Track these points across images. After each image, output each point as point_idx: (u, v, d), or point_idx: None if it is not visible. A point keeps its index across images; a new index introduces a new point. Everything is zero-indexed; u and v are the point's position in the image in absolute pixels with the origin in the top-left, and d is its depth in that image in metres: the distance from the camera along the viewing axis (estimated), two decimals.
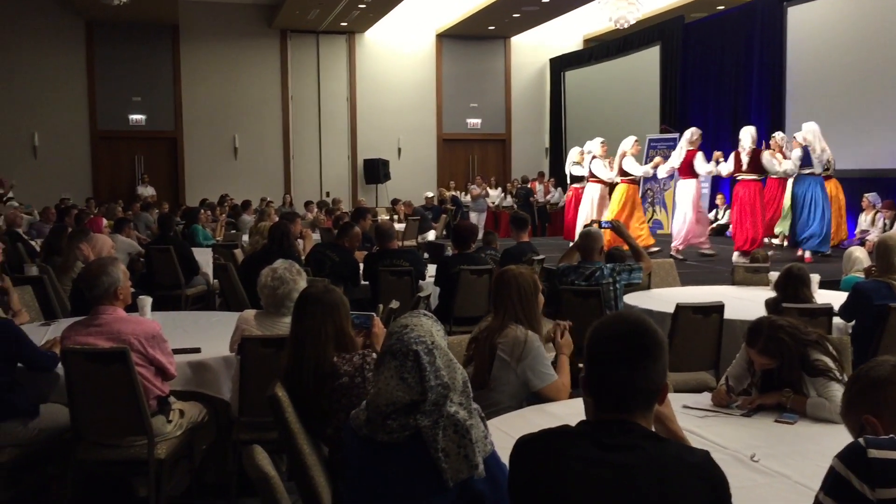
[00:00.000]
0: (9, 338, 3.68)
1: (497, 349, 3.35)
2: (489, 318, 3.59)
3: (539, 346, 3.38)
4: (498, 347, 3.35)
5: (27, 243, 9.44)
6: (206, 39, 17.72)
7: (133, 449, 3.61)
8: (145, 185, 17.03)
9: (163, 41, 17.54)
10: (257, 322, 3.85)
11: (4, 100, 16.62)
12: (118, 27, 17.02)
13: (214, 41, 17.79)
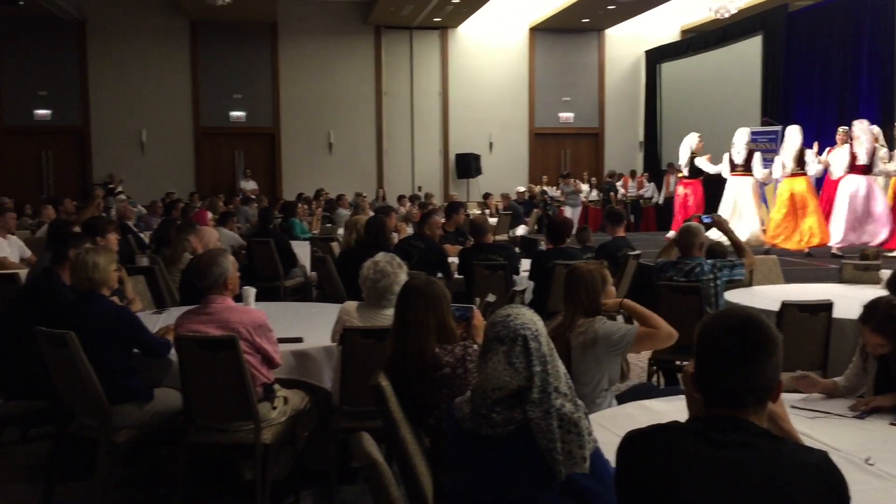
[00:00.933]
0: (126, 324, 3.88)
1: (571, 343, 3.41)
2: (559, 317, 3.59)
3: (604, 320, 3.51)
4: (572, 341, 3.42)
5: (137, 235, 9.88)
6: (303, 37, 18.13)
7: (240, 434, 3.74)
8: (248, 180, 17.56)
9: (262, 39, 18.04)
10: (358, 313, 3.93)
11: (116, 98, 17.41)
12: (220, 27, 17.59)
13: (311, 38, 18.18)
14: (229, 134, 18.29)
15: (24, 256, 7.79)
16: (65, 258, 4.55)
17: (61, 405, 3.94)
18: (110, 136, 17.54)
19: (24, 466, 4.47)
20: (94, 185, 15.46)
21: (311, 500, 4.09)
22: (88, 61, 17.31)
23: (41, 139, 17.43)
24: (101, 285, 3.95)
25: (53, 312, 4.14)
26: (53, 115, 17.39)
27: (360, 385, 3.80)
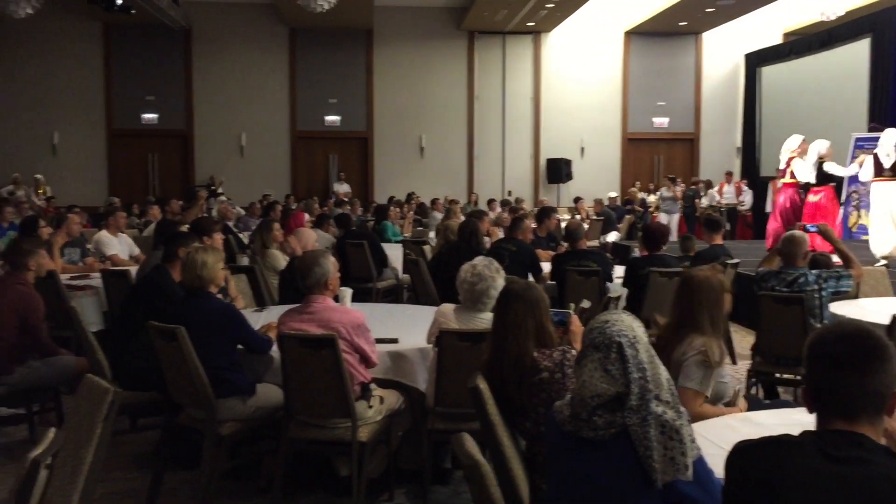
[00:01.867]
0: (232, 321, 4.03)
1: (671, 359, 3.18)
2: (662, 322, 3.49)
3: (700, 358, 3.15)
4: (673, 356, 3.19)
5: (236, 236, 10.23)
6: (397, 43, 18.39)
7: (338, 431, 3.83)
8: (341, 183, 17.92)
9: (358, 46, 18.38)
10: (455, 316, 3.97)
11: (217, 103, 18.04)
12: (318, 33, 18.01)
13: (405, 44, 18.42)
14: (324, 138, 18.70)
15: (132, 254, 8.16)
16: (175, 256, 4.75)
17: (170, 397, 4.12)
18: (212, 140, 18.19)
19: (132, 454, 4.69)
20: (197, 186, 16.06)
21: (405, 499, 4.14)
22: (193, 67, 18.00)
23: (148, 142, 18.22)
24: (210, 283, 4.11)
25: (164, 308, 4.34)
26: (160, 119, 18.15)
27: (455, 387, 3.86)
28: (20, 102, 17.51)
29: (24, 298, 4.65)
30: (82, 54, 17.63)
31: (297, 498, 4.10)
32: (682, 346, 3.20)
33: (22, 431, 5.13)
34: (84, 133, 17.84)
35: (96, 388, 2.71)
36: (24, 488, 2.00)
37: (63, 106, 17.64)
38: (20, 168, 16.94)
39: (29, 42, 17.24)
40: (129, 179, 18.09)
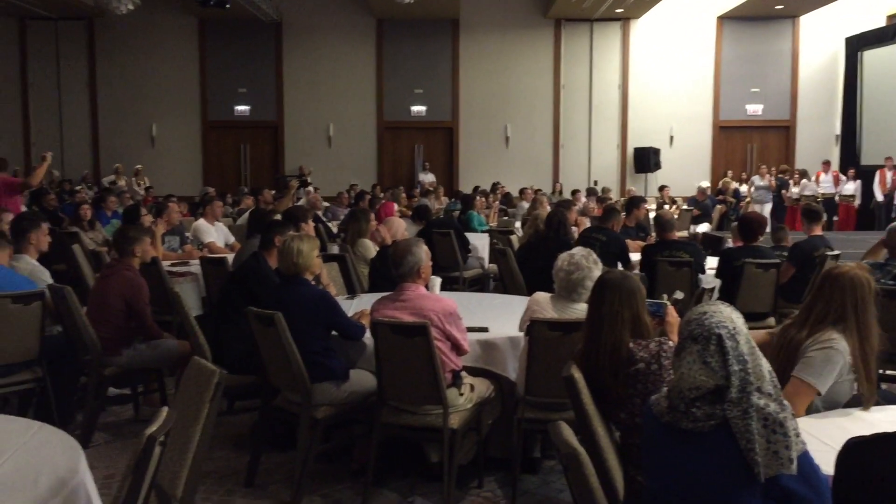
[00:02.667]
0: (327, 308, 4.12)
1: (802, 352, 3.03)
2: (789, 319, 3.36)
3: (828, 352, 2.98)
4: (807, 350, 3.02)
5: (325, 224, 10.43)
6: (484, 32, 18.36)
7: (429, 417, 3.88)
8: (426, 172, 18.04)
9: (444, 35, 18.43)
10: (550, 305, 3.96)
11: (306, 94, 18.40)
12: (405, 24, 18.15)
13: (492, 33, 18.38)
14: (410, 128, 18.85)
15: (228, 242, 8.42)
16: (271, 244, 4.89)
17: (267, 380, 4.25)
18: (301, 131, 18.58)
19: (230, 435, 4.85)
20: (287, 176, 16.43)
21: (494, 487, 4.17)
22: (283, 60, 18.40)
23: (240, 133, 18.74)
24: (305, 270, 4.21)
25: (261, 294, 4.48)
26: (251, 111, 18.64)
27: (546, 376, 3.85)
28: (121, 96, 18.26)
29: (131, 283, 4.85)
30: (179, 49, 18.24)
31: (388, 482, 4.18)
32: (814, 338, 3.04)
33: (128, 411, 5.39)
34: (180, 125, 18.48)
35: (203, 371, 2.82)
36: (141, 463, 2.10)
37: (161, 99, 18.31)
38: (121, 159, 17.71)
39: (129, 38, 17.94)
40: (222, 170, 18.67)
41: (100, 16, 17.35)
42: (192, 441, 2.69)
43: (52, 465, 2.35)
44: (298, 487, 3.96)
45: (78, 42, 18.21)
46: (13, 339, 4.54)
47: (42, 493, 2.17)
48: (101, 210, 10.32)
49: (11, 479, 2.26)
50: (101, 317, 4.81)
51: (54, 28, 18.03)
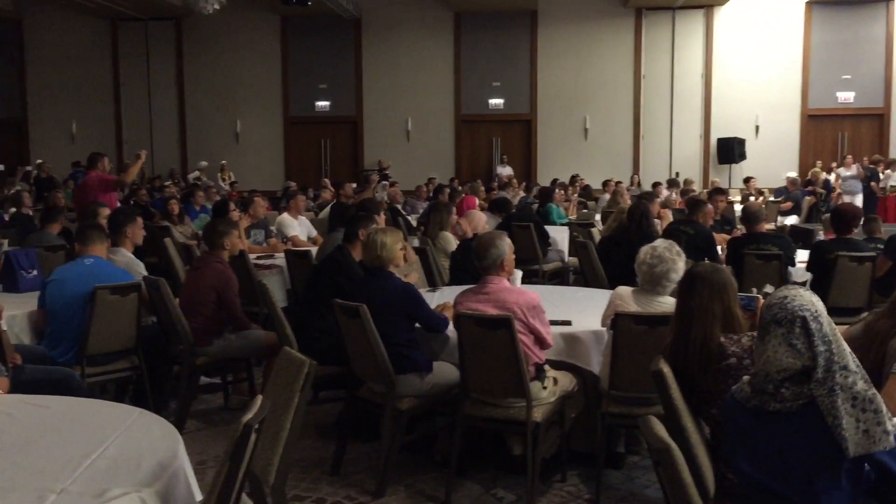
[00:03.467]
0: (410, 300, 4.16)
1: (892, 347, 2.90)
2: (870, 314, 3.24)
3: None
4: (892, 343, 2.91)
5: (405, 218, 10.52)
6: (562, 22, 18.17)
7: (512, 410, 3.88)
8: (504, 166, 18.00)
9: (522, 27, 18.32)
10: (633, 299, 3.91)
11: (385, 89, 18.57)
12: (483, 17, 18.12)
13: (570, 24, 18.18)
14: (487, 121, 18.82)
15: (310, 236, 8.58)
16: (355, 237, 4.97)
17: (352, 371, 4.32)
18: (379, 125, 18.76)
19: (316, 425, 4.95)
20: (366, 170, 16.63)
21: (577, 481, 4.15)
22: (363, 55, 18.60)
23: (321, 128, 19.05)
24: (388, 263, 4.27)
25: (346, 286, 4.55)
26: (331, 106, 18.92)
27: (631, 371, 3.81)
28: (207, 94, 18.79)
29: (221, 275, 5.00)
30: (262, 47, 18.64)
31: (471, 473, 4.19)
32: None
33: (218, 399, 5.56)
34: (263, 121, 18.90)
35: (293, 361, 2.88)
36: (238, 450, 2.16)
37: (245, 96, 18.76)
38: (207, 155, 18.22)
39: (215, 37, 18.43)
40: (302, 164, 19.01)
41: (187, 16, 17.87)
42: (283, 429, 2.76)
43: (153, 449, 2.45)
44: (383, 477, 4.02)
45: (166, 42, 18.80)
46: (112, 328, 4.73)
47: (145, 476, 2.26)
48: (190, 205, 10.66)
49: (116, 462, 2.37)
50: (192, 308, 4.96)
51: (144, 29, 18.66)
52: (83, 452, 2.40)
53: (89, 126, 18.82)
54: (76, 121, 18.87)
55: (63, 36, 18.62)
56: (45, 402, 2.99)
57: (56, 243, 6.88)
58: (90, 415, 2.88)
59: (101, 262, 4.90)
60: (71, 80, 18.73)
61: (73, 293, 4.65)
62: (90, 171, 8.54)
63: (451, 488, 3.92)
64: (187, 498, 2.39)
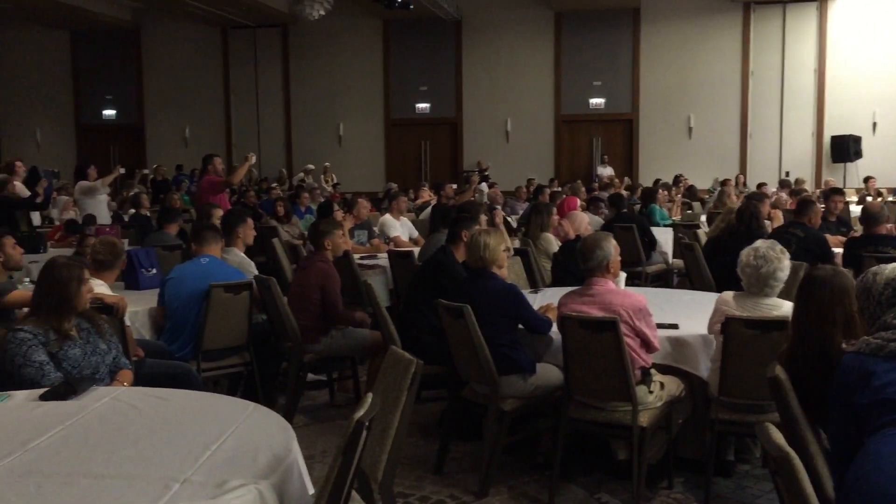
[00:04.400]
0: (513, 301, 4.16)
1: None
2: None
3: None
4: None
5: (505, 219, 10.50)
6: (666, 18, 17.78)
7: (617, 414, 3.82)
8: (604, 166, 17.76)
9: (623, 25, 18.03)
10: (736, 303, 3.80)
11: (484, 90, 18.61)
12: (583, 16, 17.93)
13: (675, 19, 17.76)
14: (588, 121, 18.61)
15: (412, 236, 8.68)
16: (458, 238, 5.00)
17: (455, 371, 4.35)
18: (479, 126, 18.82)
19: (418, 424, 5.00)
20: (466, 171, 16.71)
21: (684, 488, 4.05)
22: (463, 57, 18.70)
23: (421, 130, 19.26)
24: (492, 264, 4.28)
25: (449, 287, 4.59)
26: (431, 108, 19.11)
27: (742, 377, 3.70)
28: (312, 98, 19.29)
29: (325, 274, 5.12)
30: (364, 51, 19.00)
31: (574, 477, 4.16)
32: None
33: (323, 396, 5.69)
34: (365, 124, 19.26)
35: (401, 360, 2.93)
36: (349, 446, 2.21)
37: (347, 99, 19.15)
38: (311, 158, 18.71)
39: (319, 42, 18.90)
40: (403, 166, 19.27)
41: (293, 22, 18.39)
42: (391, 427, 2.81)
43: (269, 443, 2.53)
44: (486, 478, 4.03)
45: (273, 48, 19.40)
46: (225, 325, 4.92)
47: (261, 469, 2.33)
48: (296, 206, 10.96)
49: (234, 454, 2.46)
50: (300, 306, 5.10)
51: (253, 36, 19.31)
52: (203, 444, 2.50)
53: (201, 130, 19.62)
54: (189, 125, 19.70)
55: (177, 45, 19.48)
56: (167, 394, 3.13)
57: (173, 243, 7.20)
58: (208, 408, 3.00)
59: (215, 262, 5.10)
60: (184, 86, 19.56)
61: (190, 291, 4.86)
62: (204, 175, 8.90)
63: (554, 491, 3.90)
64: (300, 491, 2.45)
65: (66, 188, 13.23)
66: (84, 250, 5.47)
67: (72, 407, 2.92)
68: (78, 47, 19.95)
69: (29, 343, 3.31)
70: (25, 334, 3.33)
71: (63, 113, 20.23)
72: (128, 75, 19.94)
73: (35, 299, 3.50)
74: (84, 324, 3.52)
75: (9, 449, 2.47)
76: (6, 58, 20.05)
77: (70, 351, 3.40)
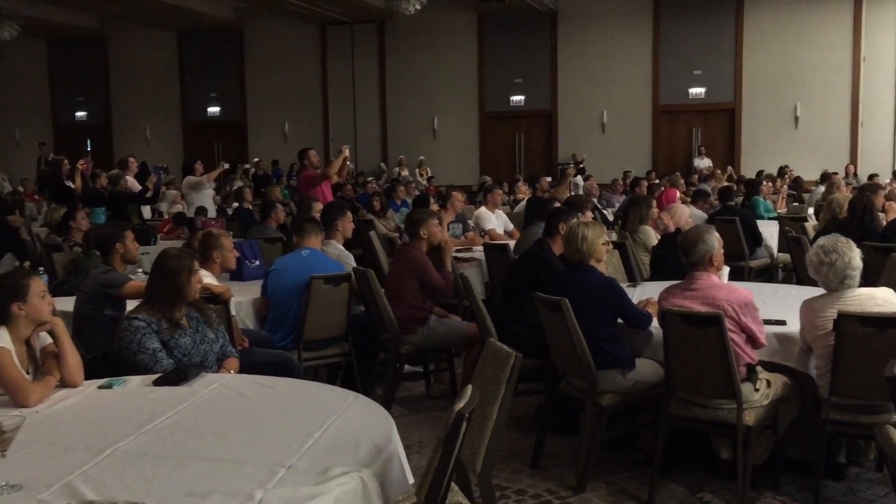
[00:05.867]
0: (612, 295, 4.10)
1: None
2: None
3: None
4: None
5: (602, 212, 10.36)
6: (772, 3, 17.11)
7: (721, 412, 3.72)
8: (702, 157, 17.28)
9: (726, 10, 17.43)
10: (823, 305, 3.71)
11: (579, 82, 18.34)
12: (682, 3, 17.45)
13: (781, 4, 17.05)
14: (687, 111, 18.13)
15: (507, 229, 8.66)
16: (555, 231, 4.96)
17: (552, 365, 4.31)
18: (573, 118, 18.58)
19: (514, 417, 4.97)
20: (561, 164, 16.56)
21: (792, 490, 3.90)
22: (558, 48, 18.49)
23: (515, 123, 19.17)
24: (590, 257, 4.22)
25: (546, 280, 4.55)
26: (526, 100, 18.99)
27: (856, 376, 3.55)
28: (407, 92, 19.46)
29: (419, 262, 5.16)
30: (459, 44, 19.02)
31: (674, 475, 4.06)
32: None
33: (420, 387, 5.75)
34: (459, 117, 19.30)
35: (500, 353, 2.93)
36: (450, 437, 2.22)
37: (442, 93, 19.23)
38: (406, 151, 18.90)
39: (414, 36, 19.04)
40: (497, 159, 19.23)
41: (389, 17, 18.58)
42: (489, 419, 2.81)
43: (370, 432, 2.57)
44: (583, 473, 3.99)
45: (370, 43, 19.65)
46: (325, 316, 5.02)
47: (362, 457, 2.38)
48: (392, 199, 11.10)
49: (336, 442, 2.51)
50: (396, 297, 5.16)
51: (350, 31, 19.61)
52: (307, 431, 2.56)
53: (300, 126, 20.06)
54: (288, 121, 20.19)
55: (277, 42, 19.96)
56: (271, 382, 3.22)
57: (274, 235, 7.40)
58: (311, 396, 3.08)
59: (316, 254, 5.22)
60: (284, 83, 20.03)
61: (291, 282, 4.98)
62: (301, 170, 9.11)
63: (654, 488, 3.83)
64: (401, 480, 2.49)
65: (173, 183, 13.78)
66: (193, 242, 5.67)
67: (183, 393, 3.04)
68: (184, 47, 20.70)
69: (143, 331, 3.47)
70: (140, 322, 3.49)
71: (171, 110, 21.04)
72: (231, 73, 20.57)
73: (148, 289, 3.66)
74: (193, 313, 3.66)
75: (126, 431, 2.60)
76: (118, 58, 21.00)
77: (181, 339, 3.54)
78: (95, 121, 21.43)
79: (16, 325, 3.04)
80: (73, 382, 3.09)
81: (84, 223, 7.18)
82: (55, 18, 18.12)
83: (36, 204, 12.67)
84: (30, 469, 2.28)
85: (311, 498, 2.09)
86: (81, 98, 21.55)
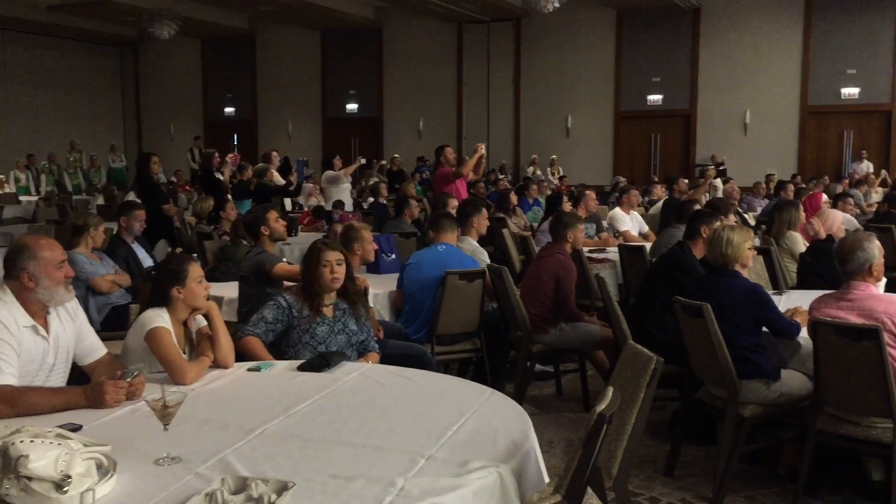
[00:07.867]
0: (758, 302, 3.93)
1: None
2: None
3: None
4: None
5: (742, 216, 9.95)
6: None
7: (874, 430, 3.50)
8: (860, 161, 16.31)
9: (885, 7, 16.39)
10: None
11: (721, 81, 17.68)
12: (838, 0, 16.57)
13: None
14: (838, 112, 17.16)
15: (642, 231, 8.48)
16: (697, 234, 4.81)
17: (690, 372, 4.19)
18: (714, 118, 17.95)
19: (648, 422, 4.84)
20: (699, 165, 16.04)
21: None
22: (700, 46, 17.91)
23: (651, 122, 18.72)
24: (734, 261, 4.06)
25: (686, 284, 4.42)
26: (663, 100, 18.49)
27: None
28: (541, 90, 19.37)
29: (562, 266, 5.12)
30: (596, 42, 18.75)
31: (820, 494, 3.86)
32: None
33: (550, 387, 5.71)
34: (593, 116, 19.03)
35: (640, 356, 2.86)
36: (591, 438, 2.19)
37: (576, 91, 19.02)
38: (538, 150, 18.82)
39: (551, 34, 18.92)
40: (631, 159, 18.84)
41: (526, 16, 18.54)
42: (627, 423, 2.75)
43: (507, 428, 2.57)
44: (721, 485, 3.84)
45: (506, 42, 19.67)
46: (458, 311, 5.07)
47: (500, 453, 2.38)
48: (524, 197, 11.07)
49: (474, 435, 2.52)
50: (532, 296, 5.15)
51: (486, 30, 19.70)
52: (445, 423, 2.59)
53: (434, 123, 20.34)
54: (423, 118, 20.51)
55: (415, 41, 20.31)
56: (409, 374, 3.28)
57: (409, 230, 7.53)
58: (447, 389, 3.11)
59: (452, 249, 5.28)
60: (420, 81, 20.37)
61: (427, 277, 5.06)
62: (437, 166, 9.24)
63: None
64: (537, 479, 2.47)
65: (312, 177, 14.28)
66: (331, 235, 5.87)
67: (326, 379, 3.15)
68: (327, 45, 21.39)
69: (275, 306, 3.66)
70: (281, 300, 3.69)
71: (312, 107, 21.79)
72: (369, 71, 21.09)
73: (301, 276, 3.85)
74: (342, 304, 3.79)
75: (274, 413, 2.71)
76: (265, 56, 21.95)
77: (318, 328, 3.68)
78: (242, 116, 22.50)
79: (175, 308, 3.24)
80: (225, 364, 3.25)
81: (233, 213, 7.57)
82: (210, 18, 19.16)
83: (187, 194, 13.45)
84: (188, 443, 2.42)
85: (451, 489, 2.11)
86: (230, 94, 22.66)
